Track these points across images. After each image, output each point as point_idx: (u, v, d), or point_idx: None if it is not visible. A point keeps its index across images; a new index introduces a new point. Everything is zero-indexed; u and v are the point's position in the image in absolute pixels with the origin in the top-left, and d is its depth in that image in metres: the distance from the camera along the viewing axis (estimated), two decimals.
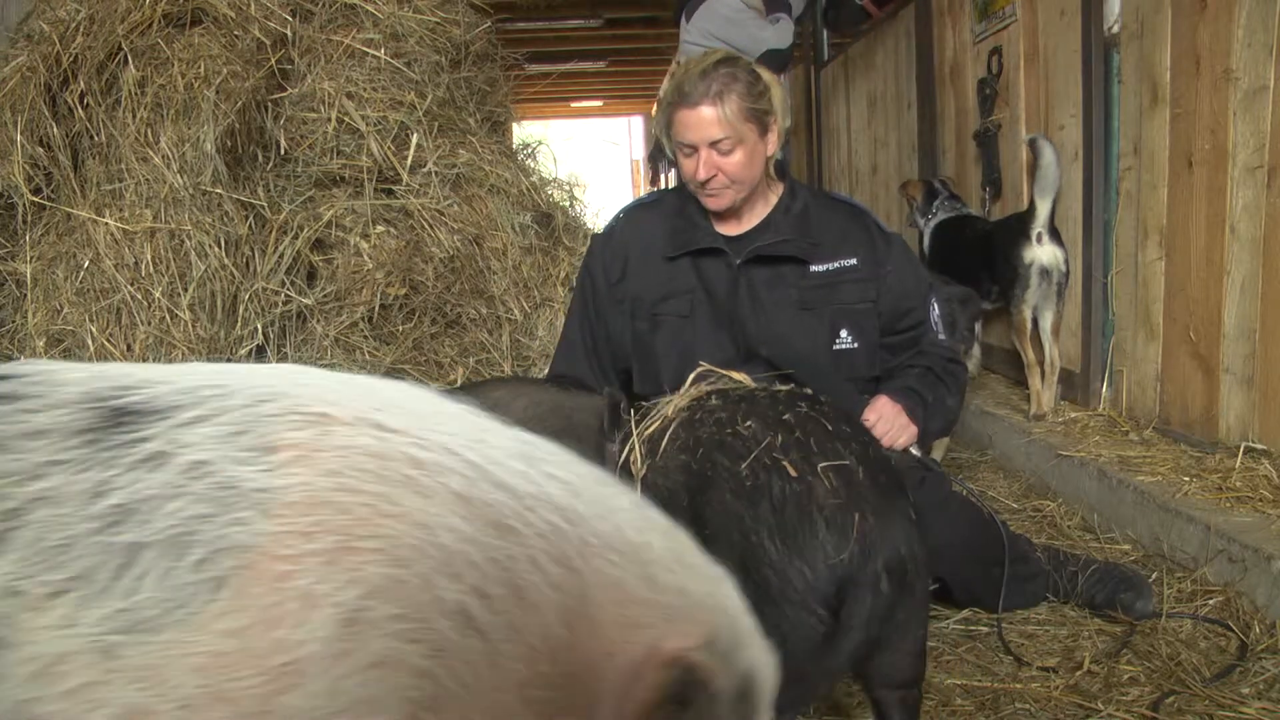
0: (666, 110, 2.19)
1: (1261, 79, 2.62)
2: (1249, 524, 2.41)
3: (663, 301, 2.28)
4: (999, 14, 4.20)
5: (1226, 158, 2.75)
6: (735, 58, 2.23)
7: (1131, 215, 3.26)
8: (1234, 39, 2.69)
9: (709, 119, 2.10)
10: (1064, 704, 1.98)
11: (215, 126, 2.78)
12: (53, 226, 2.86)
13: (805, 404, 1.65)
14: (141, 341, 2.65)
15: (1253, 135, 2.67)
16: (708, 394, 1.80)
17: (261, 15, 3.01)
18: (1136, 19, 3.16)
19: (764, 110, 2.15)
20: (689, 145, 2.15)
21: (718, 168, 2.13)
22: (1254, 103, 2.65)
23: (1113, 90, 3.36)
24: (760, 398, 1.71)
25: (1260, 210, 2.67)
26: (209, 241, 2.70)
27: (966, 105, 4.64)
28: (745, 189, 2.20)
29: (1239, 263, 2.75)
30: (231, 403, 0.77)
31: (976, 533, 2.10)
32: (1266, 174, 2.63)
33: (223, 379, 0.79)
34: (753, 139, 2.14)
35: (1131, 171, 3.24)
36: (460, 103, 3.45)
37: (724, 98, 2.09)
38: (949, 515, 2.06)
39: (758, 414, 1.62)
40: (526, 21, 7.66)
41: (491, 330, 3.06)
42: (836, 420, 1.61)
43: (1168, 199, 3.04)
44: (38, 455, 0.73)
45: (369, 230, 3.01)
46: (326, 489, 0.72)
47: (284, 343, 2.83)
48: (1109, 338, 3.33)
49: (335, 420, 0.77)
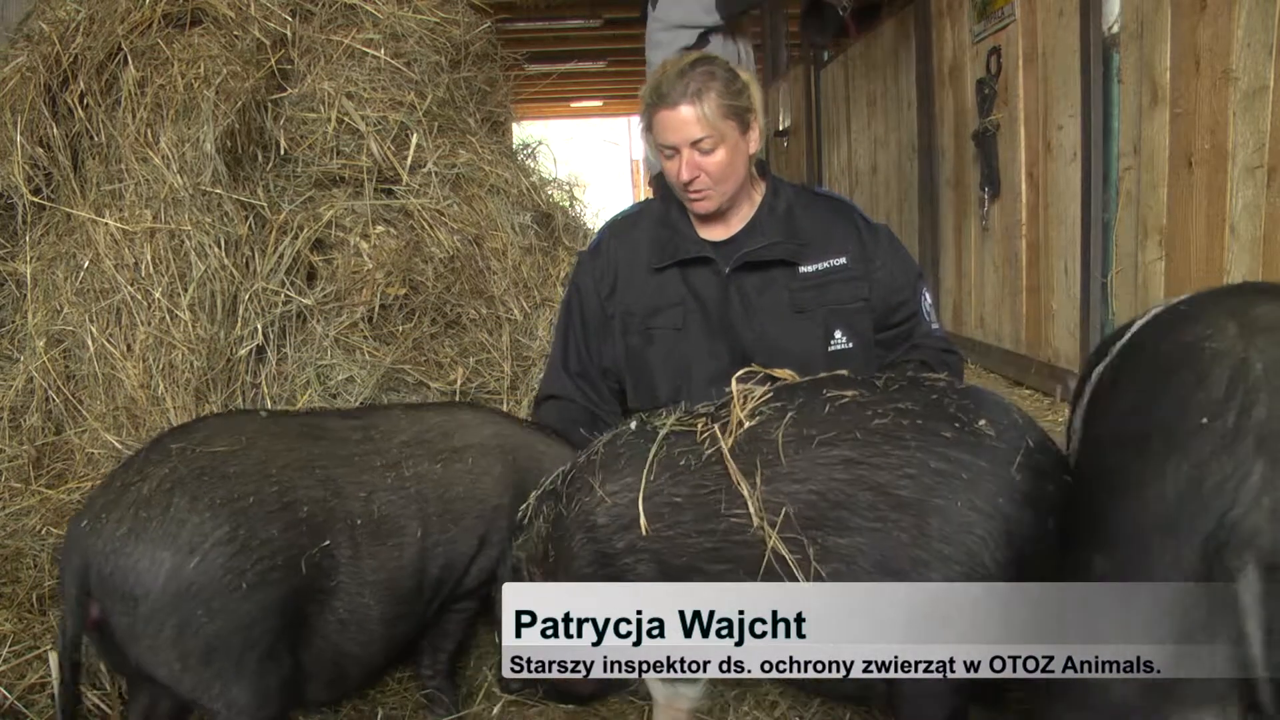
0: (646, 113, 2.19)
1: (1261, 79, 2.62)
2: None
3: (654, 315, 2.27)
4: (998, 14, 4.20)
5: (1226, 158, 2.75)
6: (712, 57, 2.23)
7: (1131, 215, 3.26)
8: (1234, 39, 2.69)
9: (689, 119, 2.10)
10: None
11: (215, 126, 2.78)
12: (53, 227, 2.86)
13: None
14: (141, 342, 2.65)
15: (1253, 135, 2.67)
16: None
17: (261, 15, 3.00)
18: (1136, 19, 3.16)
19: (744, 108, 2.14)
20: (670, 147, 2.15)
21: (700, 168, 2.13)
22: (1254, 103, 2.66)
23: (1112, 90, 3.36)
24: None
25: (1260, 210, 2.67)
26: (209, 241, 2.70)
27: (965, 105, 4.64)
28: (730, 188, 2.19)
29: (1239, 263, 2.75)
30: None
31: None
32: (1266, 174, 2.63)
33: None
34: (734, 137, 2.14)
35: (1131, 171, 3.24)
36: (460, 103, 3.45)
37: (702, 96, 2.08)
38: None
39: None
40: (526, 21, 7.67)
41: (491, 330, 3.06)
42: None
43: (1168, 199, 3.04)
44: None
45: (369, 230, 3.01)
46: None
47: (284, 343, 2.82)
48: None
49: None
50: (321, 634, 1.67)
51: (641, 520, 1.61)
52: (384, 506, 1.76)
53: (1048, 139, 3.84)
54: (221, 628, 1.50)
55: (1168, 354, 1.18)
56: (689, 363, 2.22)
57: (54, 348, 2.74)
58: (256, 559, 1.54)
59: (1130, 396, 1.22)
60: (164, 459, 1.59)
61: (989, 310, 4.68)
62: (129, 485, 1.56)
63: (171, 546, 1.49)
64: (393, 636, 1.81)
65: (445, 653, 2.07)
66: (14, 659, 2.11)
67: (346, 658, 1.74)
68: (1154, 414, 1.12)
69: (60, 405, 2.73)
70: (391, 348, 2.91)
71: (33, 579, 2.32)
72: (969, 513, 1.42)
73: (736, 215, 2.28)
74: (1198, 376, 1.07)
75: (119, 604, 1.49)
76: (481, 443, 1.98)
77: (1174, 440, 1.05)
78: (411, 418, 1.98)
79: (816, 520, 1.50)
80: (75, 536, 1.54)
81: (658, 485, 1.62)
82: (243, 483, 1.59)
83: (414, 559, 1.80)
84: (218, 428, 1.70)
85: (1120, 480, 1.13)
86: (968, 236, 4.84)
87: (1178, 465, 1.03)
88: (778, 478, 1.52)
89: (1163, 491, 1.04)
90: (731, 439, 1.57)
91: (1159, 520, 1.04)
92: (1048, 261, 3.96)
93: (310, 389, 2.77)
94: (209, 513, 1.52)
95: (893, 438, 1.49)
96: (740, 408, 1.60)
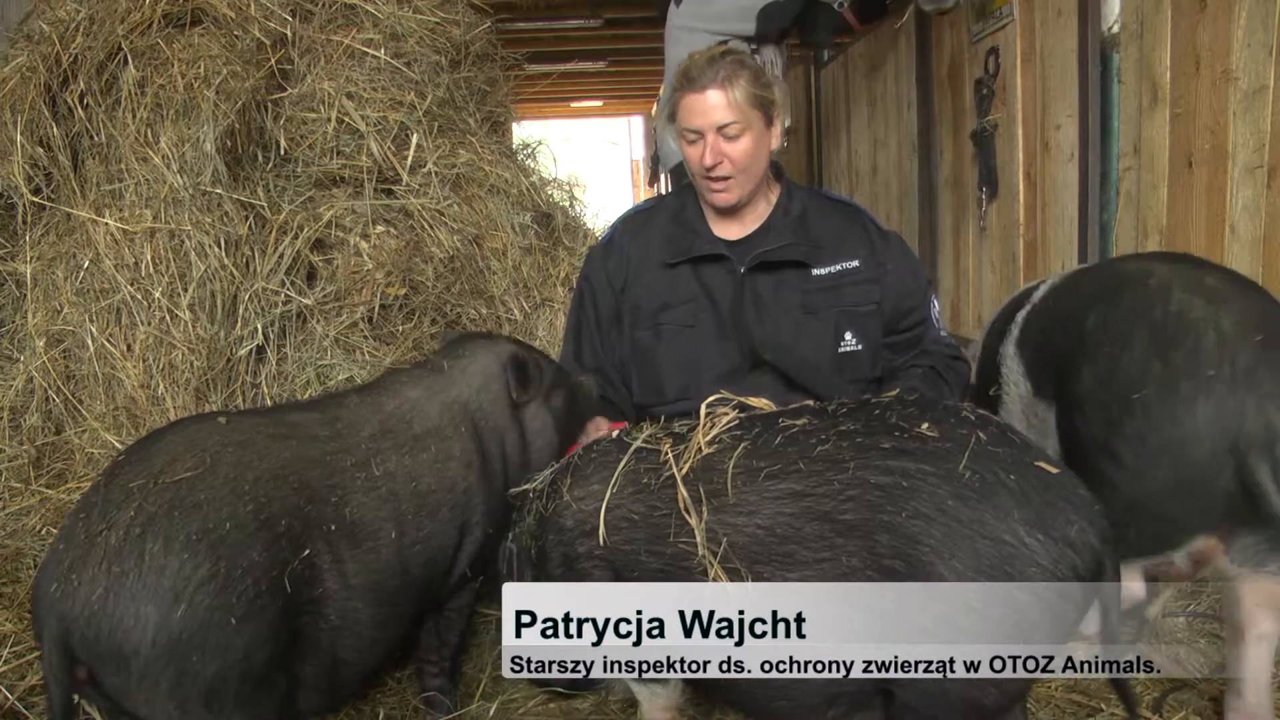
0: (672, 98, 2.18)
1: (1261, 79, 2.62)
2: None
3: (664, 310, 2.25)
4: (996, 14, 4.20)
5: (1226, 158, 2.76)
6: (741, 50, 2.23)
7: (1131, 215, 3.26)
8: (1234, 39, 2.69)
9: (717, 103, 2.09)
10: (1064, 703, 1.98)
11: (215, 126, 2.78)
12: (53, 226, 2.86)
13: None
14: (141, 342, 2.65)
15: (1252, 135, 2.67)
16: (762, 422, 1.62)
17: (261, 15, 3.00)
18: (1136, 19, 3.16)
19: (770, 100, 2.14)
20: (695, 131, 2.13)
21: (724, 154, 2.11)
22: (1254, 103, 2.66)
23: (1111, 90, 3.37)
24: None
25: (1260, 210, 2.67)
26: (209, 241, 2.70)
27: (964, 105, 4.64)
28: (750, 182, 2.18)
29: (1239, 263, 2.75)
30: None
31: None
32: (1266, 174, 2.63)
33: None
34: (759, 127, 2.13)
35: (1131, 171, 3.24)
36: (460, 103, 3.45)
37: (732, 82, 2.08)
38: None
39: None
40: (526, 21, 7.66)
41: (491, 330, 3.06)
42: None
43: (1168, 199, 3.04)
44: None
45: (369, 230, 3.01)
46: None
47: (284, 343, 2.83)
48: None
49: None
50: (314, 643, 1.64)
51: (601, 530, 1.62)
52: (357, 509, 1.70)
53: (1045, 139, 3.84)
54: (218, 668, 1.45)
55: (1163, 324, 1.73)
56: (699, 360, 2.21)
57: (54, 348, 2.74)
58: (242, 589, 1.47)
59: (1137, 358, 1.73)
60: (127, 499, 1.48)
61: (987, 310, 4.68)
62: (94, 536, 1.45)
63: (154, 599, 1.41)
64: (386, 639, 1.78)
65: (450, 647, 2.05)
66: (14, 659, 2.11)
67: (342, 665, 1.70)
68: (1170, 365, 1.68)
69: (60, 405, 2.73)
70: (391, 348, 2.91)
71: (33, 579, 2.32)
72: (914, 522, 1.36)
73: (752, 214, 2.27)
74: (1195, 339, 1.67)
75: (109, 665, 1.42)
76: (438, 426, 1.91)
77: (1198, 385, 1.64)
78: (370, 405, 1.89)
79: (763, 555, 1.48)
80: (47, 601, 1.44)
81: (619, 499, 1.63)
82: (216, 509, 1.50)
83: (393, 557, 1.75)
84: (177, 448, 1.58)
85: (1150, 412, 1.68)
86: (965, 236, 4.84)
87: (1205, 401, 1.63)
88: (725, 509, 1.51)
89: (1194, 415, 1.63)
90: (687, 466, 1.56)
91: (1193, 437, 1.62)
92: (1045, 261, 3.96)
93: (310, 389, 2.77)
94: (186, 553, 1.44)
95: (834, 462, 1.45)
96: (703, 434, 1.60)
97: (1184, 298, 1.76)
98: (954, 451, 1.40)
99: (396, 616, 1.79)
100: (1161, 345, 1.71)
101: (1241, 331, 1.68)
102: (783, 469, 1.49)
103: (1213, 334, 1.67)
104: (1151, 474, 1.68)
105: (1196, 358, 1.67)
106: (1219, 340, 1.67)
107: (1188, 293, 1.76)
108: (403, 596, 1.79)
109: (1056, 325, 2.03)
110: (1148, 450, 1.68)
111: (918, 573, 1.36)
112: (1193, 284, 1.80)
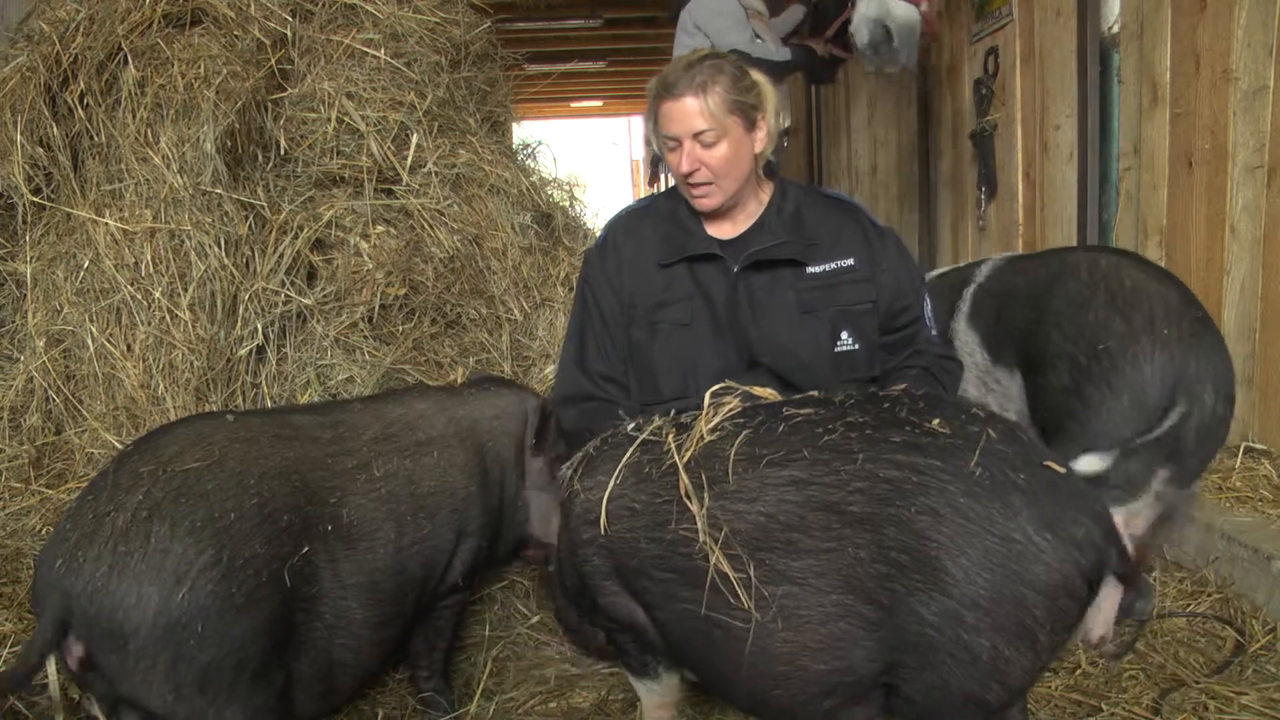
0: (653, 104, 2.19)
1: (1261, 79, 2.62)
2: (1249, 524, 2.42)
3: (660, 309, 2.25)
4: (995, 14, 4.21)
5: (1226, 158, 2.76)
6: (723, 54, 2.22)
7: (1131, 215, 3.26)
8: (1234, 39, 2.69)
9: (692, 110, 2.09)
10: (1064, 703, 1.98)
11: (215, 126, 2.78)
12: (53, 226, 2.86)
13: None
14: (141, 341, 2.65)
15: (1253, 135, 2.68)
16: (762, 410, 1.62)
17: (261, 15, 3.01)
18: (1136, 19, 3.16)
19: (750, 105, 2.13)
20: (673, 138, 2.14)
21: (700, 161, 2.12)
22: (1254, 103, 2.66)
23: (1110, 90, 3.37)
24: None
25: (1260, 210, 2.67)
26: (209, 241, 2.70)
27: (963, 105, 4.65)
28: (732, 186, 2.18)
29: (1239, 262, 2.76)
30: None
31: None
32: (1266, 174, 2.64)
33: None
34: (737, 132, 2.13)
35: (1131, 171, 3.24)
36: (460, 103, 3.45)
37: (708, 89, 2.08)
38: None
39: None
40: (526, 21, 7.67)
41: (491, 330, 3.06)
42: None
43: (1167, 199, 3.04)
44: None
45: (369, 230, 3.01)
46: None
47: (284, 343, 2.82)
48: None
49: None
50: (310, 642, 1.65)
51: (603, 519, 1.64)
52: (356, 510, 1.73)
53: (1045, 139, 3.84)
54: (215, 655, 1.47)
55: (1122, 292, 2.16)
56: (694, 359, 2.21)
57: (54, 348, 2.74)
58: (243, 579, 1.49)
59: (1101, 318, 2.15)
60: (135, 484, 1.52)
61: None
62: (102, 516, 1.49)
63: (157, 580, 1.43)
64: (382, 641, 1.79)
65: (440, 650, 2.06)
66: (14, 659, 2.10)
67: (337, 666, 1.71)
68: (1131, 324, 2.11)
69: (60, 405, 2.73)
70: (391, 348, 2.91)
71: (33, 579, 2.32)
72: (923, 518, 1.36)
73: (743, 213, 2.27)
74: (1151, 306, 2.12)
75: (107, 643, 1.45)
76: (443, 434, 1.95)
77: (1155, 339, 2.08)
78: (374, 412, 1.93)
79: (765, 542, 1.47)
80: (51, 577, 1.47)
81: (623, 488, 1.65)
82: (222, 499, 1.53)
83: (391, 557, 1.77)
84: (186, 440, 1.62)
85: (1114, 358, 2.10)
86: (965, 236, 4.85)
87: (1161, 353, 2.08)
88: (726, 495, 1.51)
89: (1152, 362, 2.08)
90: (689, 453, 1.56)
91: (1149, 379, 2.07)
92: None
93: (310, 389, 2.77)
94: (191, 538, 1.47)
95: (841, 452, 1.44)
96: (706, 422, 1.60)
97: (1138, 275, 2.19)
98: (964, 448, 1.39)
99: (392, 617, 1.80)
100: (1123, 307, 2.14)
101: (1186, 306, 2.14)
102: (785, 456, 1.48)
103: (1162, 304, 2.12)
104: (1113, 405, 2.09)
105: (1153, 320, 2.10)
106: (1167, 309, 2.11)
107: (1139, 272, 2.21)
108: (399, 597, 1.80)
109: (1011, 301, 2.41)
110: (1111, 390, 2.09)
111: (925, 567, 1.36)
112: (1140, 266, 2.26)
